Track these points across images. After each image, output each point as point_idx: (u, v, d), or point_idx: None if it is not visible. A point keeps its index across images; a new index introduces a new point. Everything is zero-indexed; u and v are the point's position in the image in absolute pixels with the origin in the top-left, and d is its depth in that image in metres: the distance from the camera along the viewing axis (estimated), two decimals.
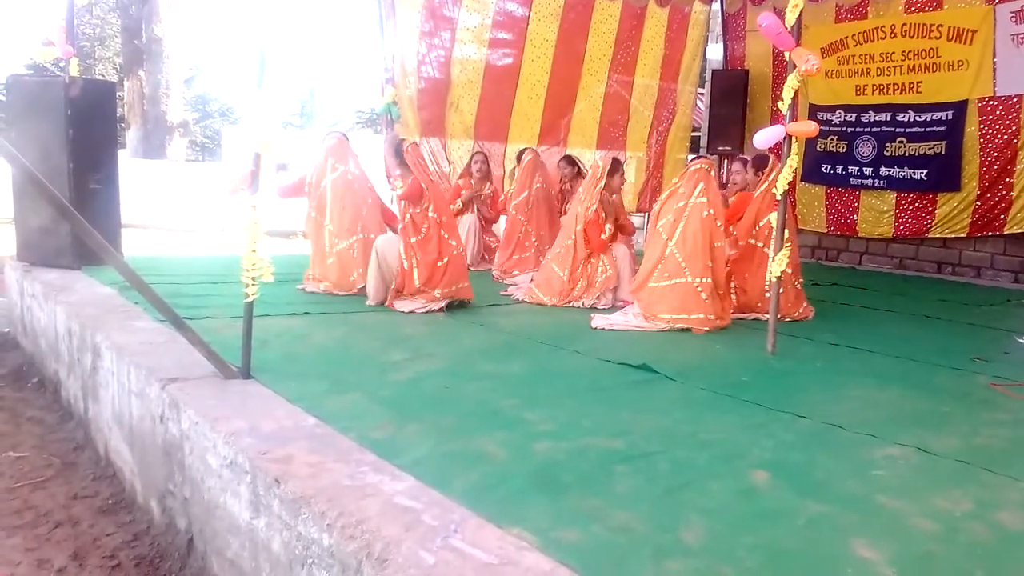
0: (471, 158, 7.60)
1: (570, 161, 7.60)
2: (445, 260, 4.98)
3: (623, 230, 5.86)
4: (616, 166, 5.63)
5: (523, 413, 2.84)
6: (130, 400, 3.14)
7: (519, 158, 7.42)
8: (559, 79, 9.02)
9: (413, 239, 4.94)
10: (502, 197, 7.63)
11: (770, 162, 5.29)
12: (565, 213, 6.93)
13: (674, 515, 2.00)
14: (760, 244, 5.10)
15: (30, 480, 3.28)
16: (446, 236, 5.05)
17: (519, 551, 1.74)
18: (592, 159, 9.47)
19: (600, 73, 9.29)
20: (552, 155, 9.20)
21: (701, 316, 4.59)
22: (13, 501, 3.08)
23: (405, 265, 4.91)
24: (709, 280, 4.64)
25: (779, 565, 1.77)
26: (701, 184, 4.75)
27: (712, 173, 4.88)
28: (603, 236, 5.51)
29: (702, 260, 4.64)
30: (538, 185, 7.02)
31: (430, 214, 4.97)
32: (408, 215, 4.98)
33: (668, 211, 4.81)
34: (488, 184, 7.59)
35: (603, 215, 5.54)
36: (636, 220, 10.11)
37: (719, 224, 4.77)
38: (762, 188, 5.20)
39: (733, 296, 5.23)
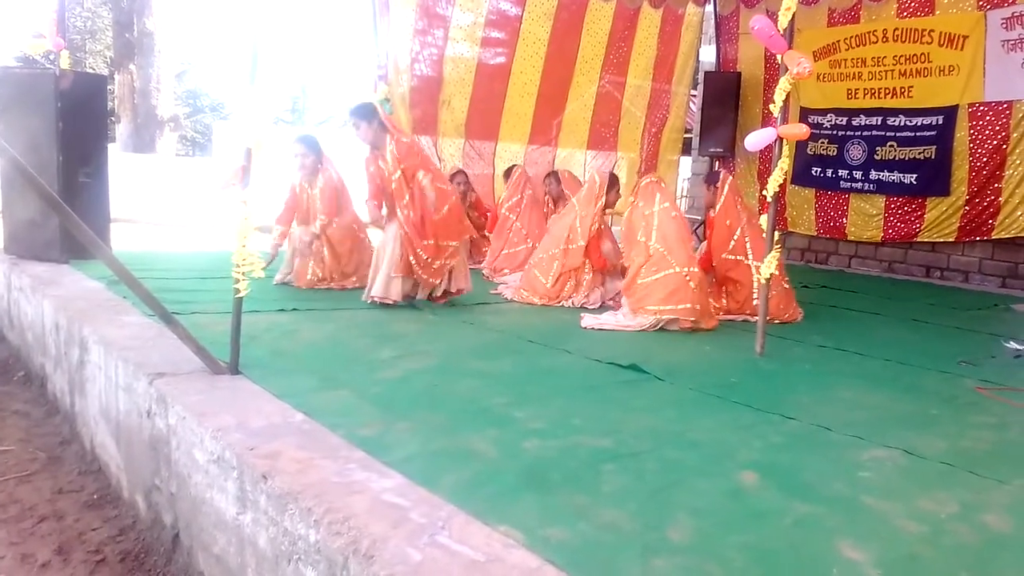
0: (453, 176, 7.53)
1: (556, 179, 7.62)
2: (444, 211, 4.97)
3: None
4: (613, 181, 5.65)
5: (512, 411, 2.84)
6: (117, 395, 3.12)
7: (507, 175, 7.46)
8: (551, 79, 9.02)
9: (406, 198, 4.88)
10: (492, 210, 7.62)
11: (720, 176, 5.37)
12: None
13: (662, 514, 2.01)
14: (740, 258, 5.14)
15: (15, 474, 3.26)
16: (443, 187, 5.05)
17: (506, 548, 1.74)
18: (582, 160, 9.53)
19: (592, 73, 9.30)
20: (543, 154, 9.21)
21: (688, 306, 4.61)
22: None
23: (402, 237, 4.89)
24: (696, 270, 4.71)
25: (766, 565, 1.78)
26: (658, 194, 4.97)
27: (662, 184, 5.14)
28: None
29: (685, 251, 4.75)
30: (529, 192, 7.10)
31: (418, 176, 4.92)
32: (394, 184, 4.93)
33: (638, 223, 4.95)
34: (470, 194, 7.61)
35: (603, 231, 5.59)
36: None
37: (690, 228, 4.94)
38: (720, 203, 5.26)
39: (724, 299, 5.27)
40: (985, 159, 7.79)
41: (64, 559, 2.63)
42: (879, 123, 8.55)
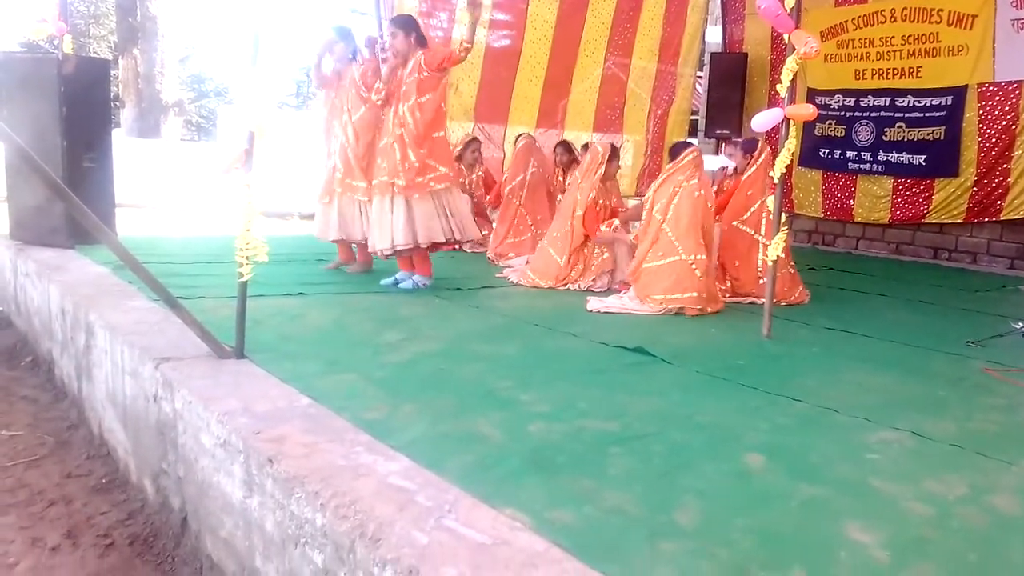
0: (466, 146, 7.47)
1: (566, 147, 7.52)
2: (441, 133, 5.00)
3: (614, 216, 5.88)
4: (614, 152, 5.65)
5: (518, 394, 2.84)
6: (124, 379, 3.13)
7: (515, 143, 7.38)
8: (558, 61, 8.96)
9: (412, 100, 4.86)
10: (498, 184, 7.59)
11: (759, 145, 5.31)
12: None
13: (668, 497, 2.00)
14: (750, 230, 5.12)
15: (24, 459, 3.27)
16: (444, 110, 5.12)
17: (513, 531, 1.74)
18: (589, 142, 9.47)
19: (597, 55, 9.23)
20: (550, 137, 9.15)
21: (694, 294, 4.59)
22: (7, 480, 3.07)
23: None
24: (703, 257, 4.65)
25: (773, 547, 1.77)
26: (693, 170, 4.83)
27: (701, 160, 4.95)
28: (602, 226, 5.51)
29: (694, 238, 4.67)
30: (533, 169, 6.93)
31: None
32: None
33: (662, 196, 4.83)
34: (479, 167, 7.57)
35: (600, 202, 5.54)
36: (632, 204, 10.09)
37: (710, 206, 4.82)
38: (750, 172, 5.22)
39: (728, 282, 5.25)
40: (994, 140, 7.71)
41: (73, 543, 2.64)
42: (887, 104, 8.48)
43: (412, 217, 4.87)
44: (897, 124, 8.41)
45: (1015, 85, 7.52)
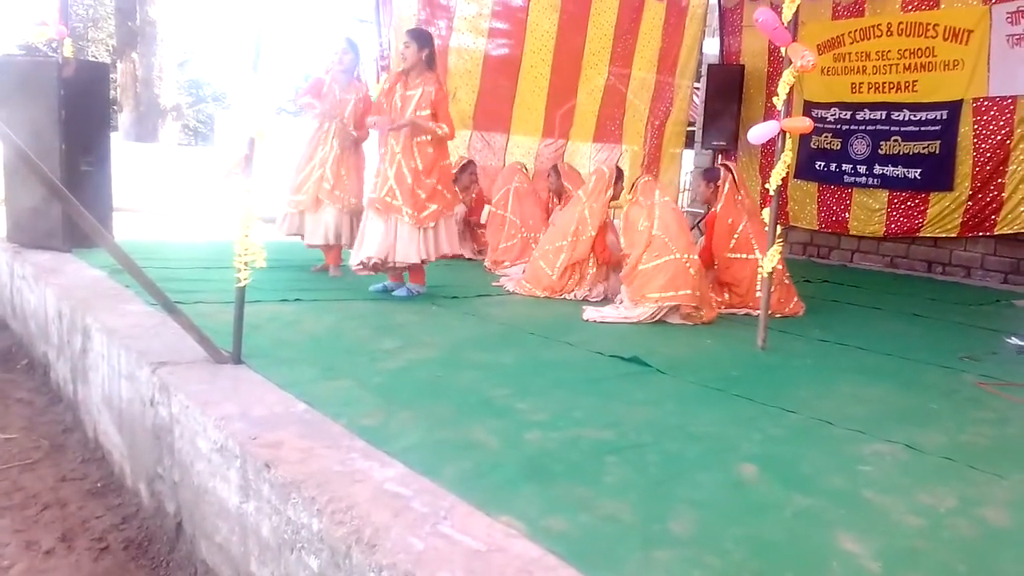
0: (463, 169, 7.52)
1: (557, 172, 7.58)
2: (448, 161, 5.20)
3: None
4: (620, 175, 5.71)
5: (514, 403, 2.85)
6: (120, 383, 3.13)
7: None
8: (561, 72, 8.99)
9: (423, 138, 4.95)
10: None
11: (721, 174, 5.38)
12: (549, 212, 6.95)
13: (663, 506, 2.02)
14: (744, 255, 5.15)
15: (19, 462, 3.27)
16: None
17: (508, 538, 1.75)
18: (587, 153, 9.51)
19: (600, 66, 9.27)
20: (554, 148, 9.21)
21: (689, 292, 4.63)
22: (1, 483, 3.07)
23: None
24: (696, 257, 4.75)
25: (765, 557, 1.79)
26: (657, 190, 5.02)
27: (660, 183, 5.31)
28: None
29: (685, 238, 4.79)
30: (517, 184, 6.99)
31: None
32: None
33: (639, 215, 4.95)
34: (474, 187, 7.65)
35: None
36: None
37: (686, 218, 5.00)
38: (721, 204, 5.27)
39: (726, 294, 5.28)
40: (989, 154, 7.77)
41: (68, 546, 2.64)
42: (883, 117, 8.53)
43: (395, 237, 4.93)
44: (893, 138, 8.46)
45: (1010, 100, 7.59)
